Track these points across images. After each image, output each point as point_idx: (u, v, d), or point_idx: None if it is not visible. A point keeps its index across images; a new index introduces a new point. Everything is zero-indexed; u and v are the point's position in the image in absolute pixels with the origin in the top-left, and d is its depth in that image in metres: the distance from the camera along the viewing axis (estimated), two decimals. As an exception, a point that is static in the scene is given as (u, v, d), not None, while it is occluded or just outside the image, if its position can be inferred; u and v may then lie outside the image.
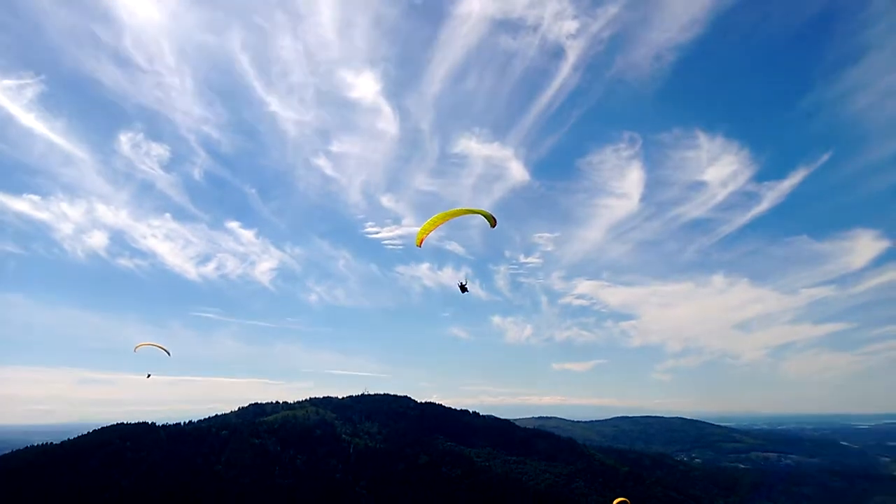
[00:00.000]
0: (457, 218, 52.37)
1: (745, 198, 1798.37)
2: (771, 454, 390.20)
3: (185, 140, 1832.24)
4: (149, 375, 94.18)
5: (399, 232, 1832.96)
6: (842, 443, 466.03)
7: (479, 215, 51.82)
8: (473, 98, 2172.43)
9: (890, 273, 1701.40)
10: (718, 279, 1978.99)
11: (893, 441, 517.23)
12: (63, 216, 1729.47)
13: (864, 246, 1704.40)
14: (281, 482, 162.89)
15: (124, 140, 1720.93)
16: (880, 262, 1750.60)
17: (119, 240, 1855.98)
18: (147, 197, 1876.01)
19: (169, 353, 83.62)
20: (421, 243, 52.93)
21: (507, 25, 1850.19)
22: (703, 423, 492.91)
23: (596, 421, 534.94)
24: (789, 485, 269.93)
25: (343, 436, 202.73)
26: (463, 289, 56.62)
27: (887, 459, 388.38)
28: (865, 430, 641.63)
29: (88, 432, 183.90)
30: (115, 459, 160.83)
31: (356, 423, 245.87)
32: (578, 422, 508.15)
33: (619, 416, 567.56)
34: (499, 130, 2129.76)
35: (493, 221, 51.27)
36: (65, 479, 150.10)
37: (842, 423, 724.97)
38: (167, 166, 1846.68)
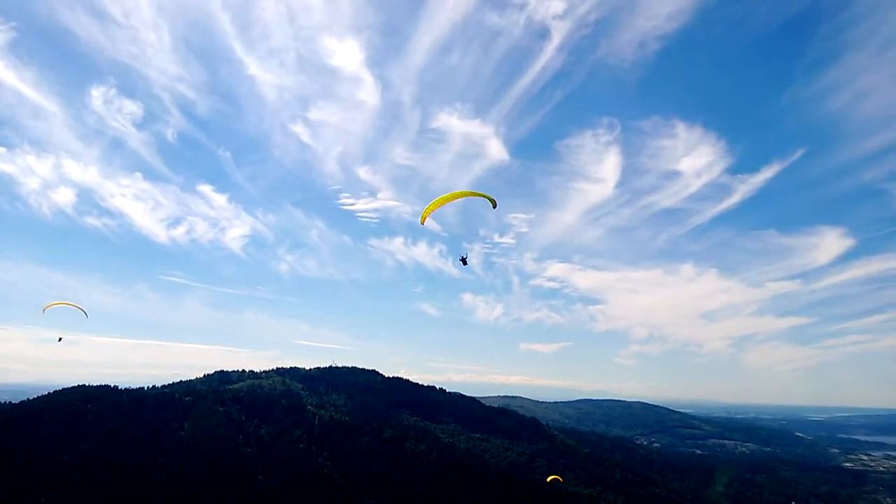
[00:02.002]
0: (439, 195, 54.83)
1: (717, 189, 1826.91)
2: (728, 442, 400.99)
3: (159, 98, 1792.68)
4: (60, 339, 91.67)
5: (374, 205, 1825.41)
6: (796, 433, 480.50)
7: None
8: (456, 73, 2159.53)
9: (852, 270, 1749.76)
10: (687, 268, 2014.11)
11: (844, 433, 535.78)
12: (30, 170, 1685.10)
13: (830, 243, 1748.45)
14: (244, 450, 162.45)
15: (96, 95, 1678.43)
16: (844, 259, 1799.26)
17: (87, 197, 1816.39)
18: (118, 155, 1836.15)
19: (87, 315, 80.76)
20: (424, 221, 55.42)
21: (493, 2, 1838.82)
22: (664, 408, 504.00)
23: (559, 402, 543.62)
24: (743, 472, 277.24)
25: (309, 407, 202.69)
26: (464, 261, 59.65)
27: (837, 451, 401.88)
28: (819, 422, 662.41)
29: (48, 393, 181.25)
30: (75, 421, 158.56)
31: (322, 394, 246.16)
32: (542, 402, 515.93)
33: (583, 398, 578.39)
34: (480, 108, 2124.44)
35: (494, 203, 54.16)
36: (22, 439, 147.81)
37: (797, 415, 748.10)
38: (140, 124, 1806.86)
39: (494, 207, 54.65)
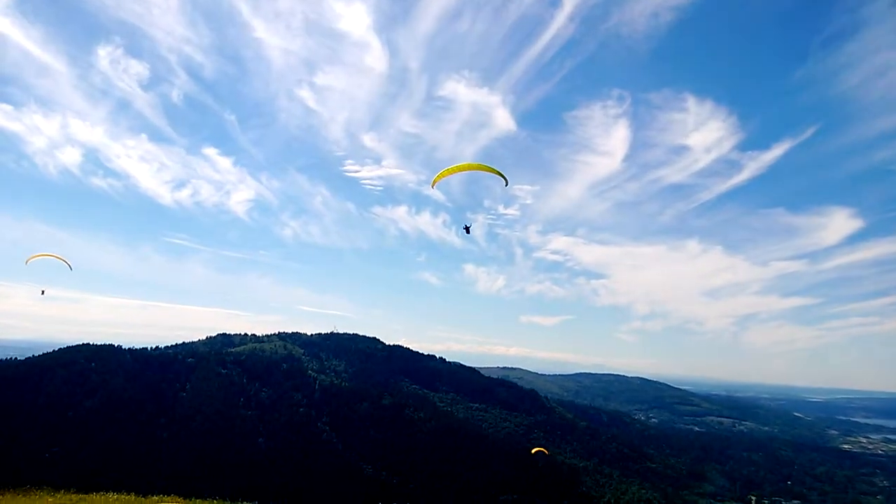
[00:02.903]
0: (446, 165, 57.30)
1: (727, 166, 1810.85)
2: (725, 420, 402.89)
3: (166, 60, 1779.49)
4: (43, 292, 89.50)
5: (379, 172, 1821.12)
6: (795, 414, 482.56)
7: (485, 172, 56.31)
8: (465, 40, 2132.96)
9: (860, 252, 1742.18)
10: (693, 245, 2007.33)
11: (843, 415, 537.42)
12: (36, 129, 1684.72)
13: (839, 223, 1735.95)
14: (244, 413, 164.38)
15: (102, 54, 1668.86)
16: (852, 240, 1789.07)
17: (93, 158, 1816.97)
18: (123, 115, 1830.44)
19: (70, 267, 78.61)
20: (434, 185, 57.57)
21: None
22: (663, 384, 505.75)
23: (559, 375, 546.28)
24: (739, 450, 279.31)
25: (309, 372, 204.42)
26: (467, 230, 60.76)
27: (835, 433, 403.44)
28: (818, 403, 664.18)
29: (53, 350, 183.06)
30: (79, 379, 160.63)
31: (323, 360, 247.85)
32: (542, 374, 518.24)
33: (582, 372, 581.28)
34: (488, 76, 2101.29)
35: (507, 181, 55.50)
36: (28, 395, 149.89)
37: (797, 395, 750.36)
38: (146, 85, 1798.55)
39: (507, 185, 55.81)
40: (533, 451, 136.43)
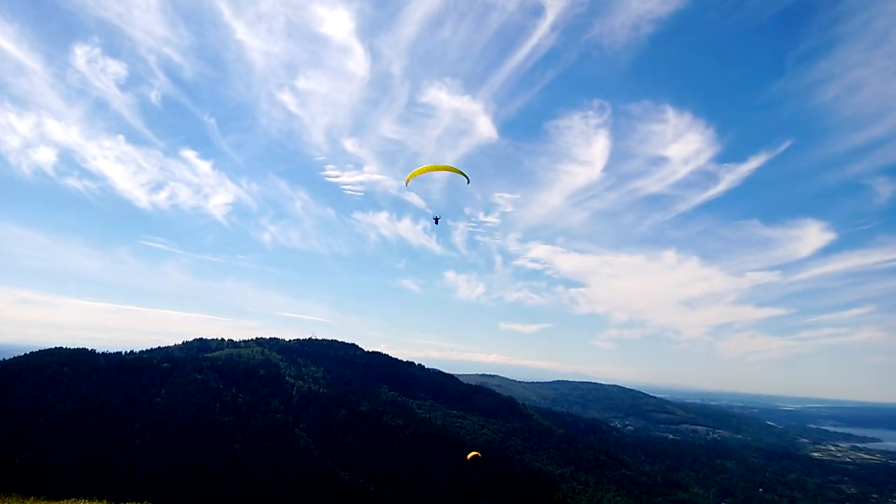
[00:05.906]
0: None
1: (704, 177, 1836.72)
2: (700, 427, 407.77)
3: (145, 60, 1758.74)
4: None
5: (360, 178, 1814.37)
6: (767, 422, 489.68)
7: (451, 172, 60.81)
8: (448, 47, 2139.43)
9: (831, 264, 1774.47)
10: (670, 255, 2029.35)
11: (814, 424, 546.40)
12: (10, 128, 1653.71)
13: (812, 236, 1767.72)
14: (220, 419, 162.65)
15: (80, 54, 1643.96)
16: (825, 252, 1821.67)
17: (68, 158, 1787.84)
18: (100, 116, 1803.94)
19: None
20: (408, 182, 60.87)
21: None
22: (639, 393, 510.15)
23: (537, 382, 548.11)
24: (713, 458, 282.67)
25: (287, 378, 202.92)
26: (436, 221, 63.41)
27: (806, 441, 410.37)
28: (790, 412, 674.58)
29: (25, 354, 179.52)
30: (51, 384, 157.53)
31: (301, 366, 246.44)
32: (520, 382, 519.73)
33: (560, 379, 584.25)
34: (470, 83, 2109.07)
35: (468, 180, 59.53)
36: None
37: (769, 404, 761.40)
38: (123, 86, 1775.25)
39: (468, 183, 59.75)
40: (469, 455, 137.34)
